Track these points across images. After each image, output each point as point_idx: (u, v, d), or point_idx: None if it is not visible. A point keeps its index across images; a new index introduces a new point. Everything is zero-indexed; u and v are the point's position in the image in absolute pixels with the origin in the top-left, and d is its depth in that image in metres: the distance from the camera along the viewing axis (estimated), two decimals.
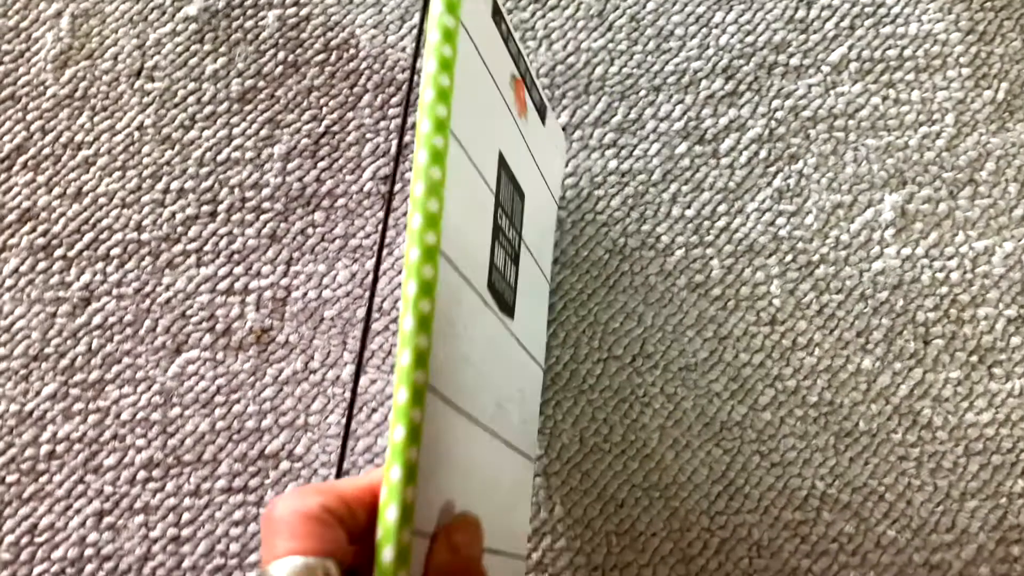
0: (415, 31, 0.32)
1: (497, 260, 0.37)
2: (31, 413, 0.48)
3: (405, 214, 0.51)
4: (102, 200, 0.51)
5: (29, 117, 0.52)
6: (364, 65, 0.53)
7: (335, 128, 0.52)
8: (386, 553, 0.27)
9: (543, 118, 0.45)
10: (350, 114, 0.52)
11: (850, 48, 0.53)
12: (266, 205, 0.51)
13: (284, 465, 0.47)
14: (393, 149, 0.32)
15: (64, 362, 0.48)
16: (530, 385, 0.44)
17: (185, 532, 0.46)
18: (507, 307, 0.39)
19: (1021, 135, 0.52)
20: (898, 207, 0.51)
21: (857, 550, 0.46)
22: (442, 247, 0.30)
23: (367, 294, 0.49)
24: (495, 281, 0.37)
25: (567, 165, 0.51)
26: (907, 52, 0.53)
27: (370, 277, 0.50)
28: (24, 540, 0.46)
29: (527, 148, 0.42)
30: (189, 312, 0.49)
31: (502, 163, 0.38)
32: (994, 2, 0.54)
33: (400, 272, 0.50)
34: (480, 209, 0.35)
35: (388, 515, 0.27)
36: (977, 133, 0.52)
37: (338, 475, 0.31)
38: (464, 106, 0.33)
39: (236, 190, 0.51)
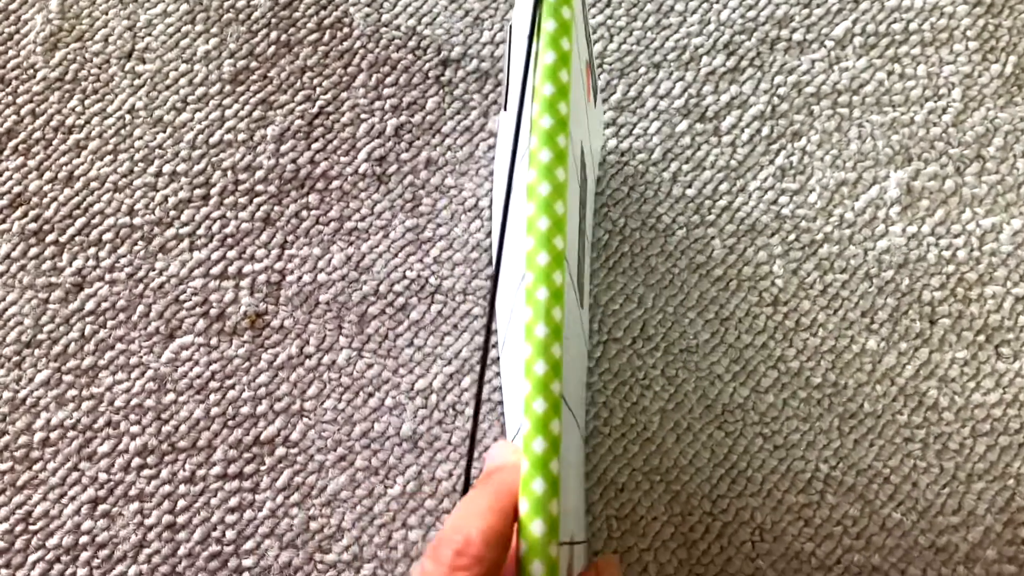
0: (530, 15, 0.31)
1: (577, 251, 0.36)
2: (24, 400, 0.47)
3: (401, 196, 0.50)
4: (94, 184, 0.50)
5: (19, 101, 0.52)
6: (358, 44, 0.52)
7: (329, 109, 0.51)
8: (535, 568, 0.27)
9: (596, 100, 0.44)
10: (344, 94, 0.51)
11: (854, 22, 0.52)
12: (259, 188, 0.50)
13: (280, 451, 0.46)
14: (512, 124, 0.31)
15: (57, 348, 0.48)
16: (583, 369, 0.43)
17: (180, 519, 0.46)
18: (580, 297, 0.38)
19: None
20: (904, 184, 0.50)
21: (862, 533, 0.45)
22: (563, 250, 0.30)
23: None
24: (576, 274, 0.36)
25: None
26: (913, 25, 0.52)
27: (366, 260, 0.49)
28: (19, 528, 0.46)
29: (588, 133, 0.41)
30: (182, 297, 0.48)
31: (581, 153, 0.37)
32: None
33: (396, 255, 0.49)
34: (574, 202, 0.35)
35: (534, 529, 0.27)
36: (984, 108, 0.51)
37: (464, 490, 0.29)
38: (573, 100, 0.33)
39: (229, 173, 0.50)
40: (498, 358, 0.47)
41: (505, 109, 0.42)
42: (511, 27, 0.40)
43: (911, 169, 0.50)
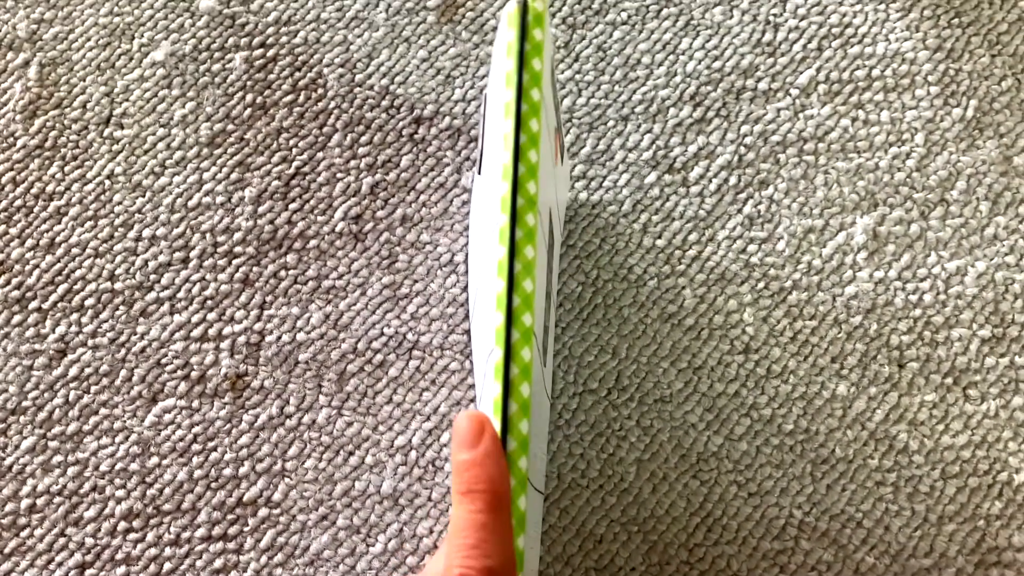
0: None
1: (543, 316, 0.38)
2: (10, 467, 0.48)
3: (377, 253, 0.51)
4: (75, 250, 0.51)
5: (0, 169, 0.53)
6: (332, 104, 0.53)
7: (305, 169, 0.52)
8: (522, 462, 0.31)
9: (563, 158, 0.45)
10: (320, 154, 0.52)
11: (818, 70, 0.53)
12: (238, 249, 0.51)
13: (262, 512, 0.47)
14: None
15: (42, 415, 0.49)
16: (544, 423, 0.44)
17: None
18: (544, 357, 0.39)
19: (991, 152, 0.52)
20: (870, 230, 0.51)
21: None
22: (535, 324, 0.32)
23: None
24: (541, 338, 0.38)
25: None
26: (875, 72, 0.53)
27: (344, 318, 0.50)
28: None
29: (555, 192, 0.42)
30: (164, 360, 0.49)
31: (549, 218, 0.39)
32: (961, 19, 0.54)
33: (373, 312, 0.50)
34: (541, 274, 0.36)
35: (522, 428, 0.31)
36: (947, 152, 0.52)
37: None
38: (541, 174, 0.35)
39: (208, 235, 0.51)
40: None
41: (479, 173, 0.43)
42: (485, 96, 0.41)
43: (877, 214, 0.51)
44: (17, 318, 0.50)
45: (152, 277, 0.51)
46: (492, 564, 0.29)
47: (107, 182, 0.52)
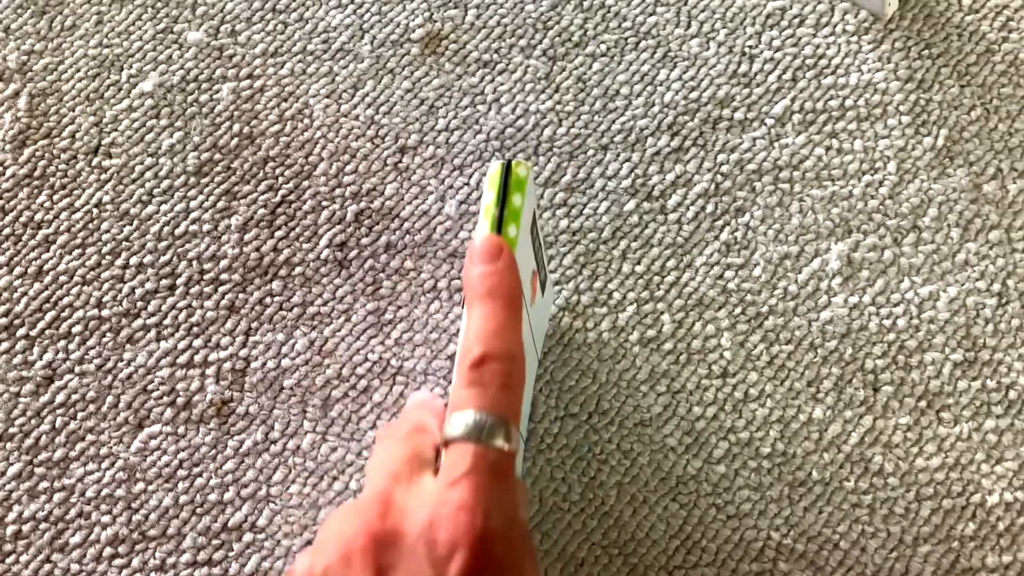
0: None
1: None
2: None
3: (362, 280, 0.52)
4: (63, 278, 0.52)
5: None
6: (319, 134, 0.54)
7: (291, 197, 0.53)
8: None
9: (543, 291, 0.47)
10: (306, 183, 0.53)
11: (793, 100, 0.55)
12: (224, 276, 0.52)
13: (247, 537, 0.47)
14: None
15: (28, 441, 0.49)
16: None
17: None
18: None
19: (961, 180, 0.53)
20: (844, 256, 0.52)
21: None
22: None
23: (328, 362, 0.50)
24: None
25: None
26: (848, 102, 0.55)
27: (328, 344, 0.51)
28: None
29: (530, 328, 0.44)
30: (150, 387, 0.50)
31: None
32: (931, 50, 0.55)
33: (358, 338, 0.51)
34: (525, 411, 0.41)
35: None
36: (919, 180, 0.53)
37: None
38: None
39: (194, 263, 0.52)
40: None
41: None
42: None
43: (851, 241, 0.52)
44: (5, 345, 0.51)
45: (139, 304, 0.51)
46: (514, 350, 0.31)
47: (95, 210, 0.53)
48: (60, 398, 0.50)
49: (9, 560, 0.47)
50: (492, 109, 0.55)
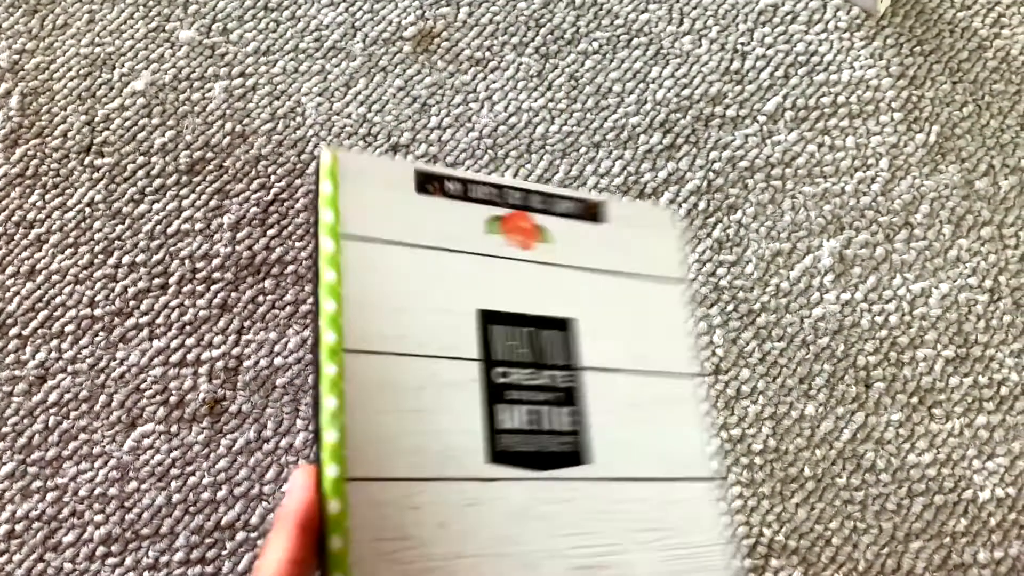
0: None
1: (509, 421, 0.35)
2: None
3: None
4: (55, 278, 0.52)
5: None
6: (311, 132, 0.54)
7: (283, 196, 0.53)
8: (331, 506, 0.30)
9: (596, 218, 0.41)
10: (298, 181, 0.53)
11: (785, 97, 0.55)
12: (216, 275, 0.52)
13: (240, 536, 0.48)
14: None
15: (21, 440, 0.49)
16: (672, 512, 0.38)
17: None
18: (558, 458, 0.36)
19: (953, 176, 0.53)
20: (836, 253, 0.52)
21: None
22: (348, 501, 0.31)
23: None
24: (511, 445, 0.35)
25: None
26: (840, 99, 0.55)
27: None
28: None
29: (557, 270, 0.39)
30: (143, 386, 0.50)
31: (489, 318, 0.37)
32: (923, 47, 0.55)
33: None
34: (437, 395, 0.35)
35: (328, 472, 0.31)
36: (911, 176, 0.53)
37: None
38: (369, 314, 0.34)
39: (187, 262, 0.52)
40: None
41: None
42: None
43: (843, 238, 0.52)
44: None
45: (131, 303, 0.51)
46: None
47: (87, 209, 0.53)
48: (53, 397, 0.50)
49: (2, 559, 0.47)
50: (484, 107, 0.55)
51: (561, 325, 0.38)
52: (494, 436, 0.35)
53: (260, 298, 0.51)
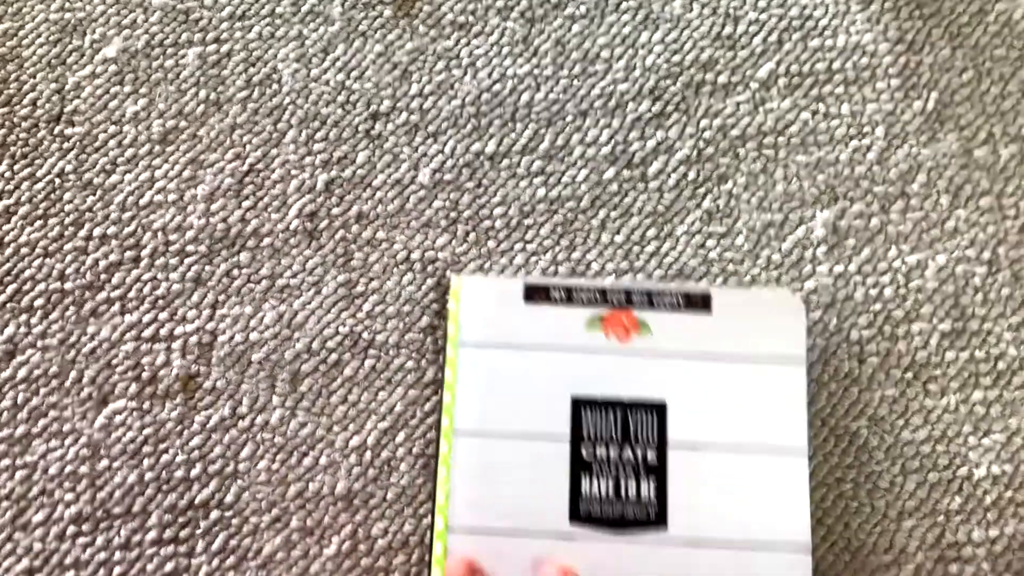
0: None
1: (591, 490, 0.43)
2: None
3: (332, 251, 0.50)
4: (24, 250, 0.50)
5: None
6: (287, 100, 0.52)
7: (259, 166, 0.51)
8: None
9: (703, 308, 0.46)
10: (274, 151, 0.52)
11: (778, 63, 0.53)
12: (190, 248, 0.50)
13: (214, 515, 0.46)
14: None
15: None
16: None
17: None
18: (638, 523, 0.42)
19: (951, 145, 0.51)
20: (830, 224, 0.50)
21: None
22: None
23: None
24: (593, 510, 0.42)
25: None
26: (836, 65, 0.53)
27: (298, 317, 0.49)
28: None
29: (655, 358, 0.45)
30: (114, 361, 0.48)
31: (580, 404, 0.44)
32: (922, 11, 0.54)
33: (328, 311, 0.49)
34: (531, 469, 0.43)
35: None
36: (907, 145, 0.51)
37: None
38: (476, 404, 0.44)
39: (159, 234, 0.50)
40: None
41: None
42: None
43: (837, 208, 0.50)
44: None
45: (103, 277, 0.50)
46: None
47: (57, 180, 0.51)
48: (22, 373, 0.48)
49: None
50: (468, 74, 0.53)
51: (653, 408, 0.44)
52: (577, 500, 0.42)
53: (235, 271, 0.50)
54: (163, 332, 0.49)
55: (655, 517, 0.42)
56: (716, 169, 0.51)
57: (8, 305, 0.49)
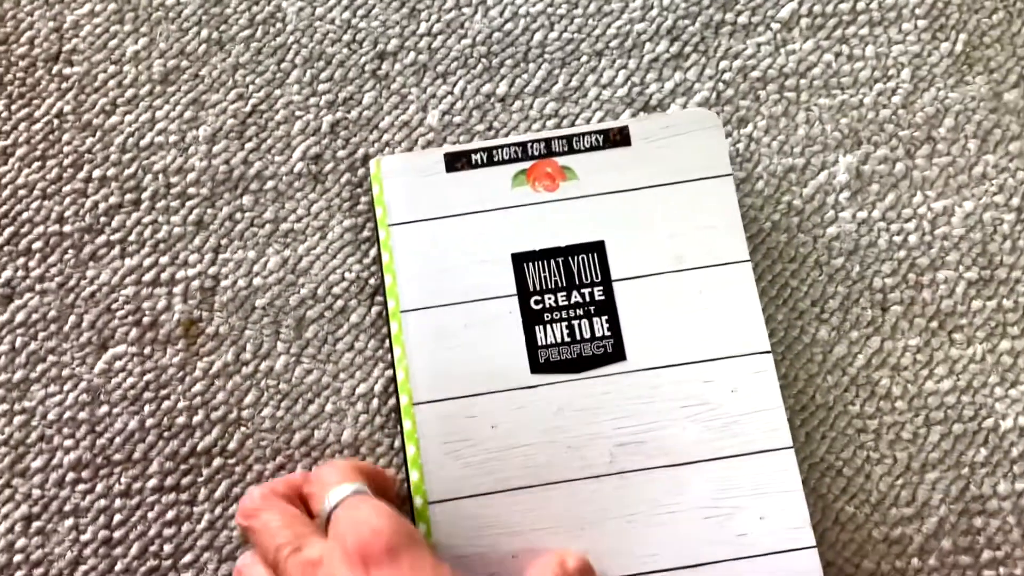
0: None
1: (547, 337, 0.43)
2: None
3: (338, 195, 0.48)
4: (22, 192, 0.49)
5: None
6: (291, 40, 0.51)
7: (262, 107, 0.50)
8: None
9: (623, 143, 0.45)
10: (278, 91, 0.50)
11: (800, 3, 0.51)
12: (192, 191, 0.49)
13: (217, 462, 0.45)
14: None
15: None
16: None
17: (117, 534, 0.44)
18: (596, 360, 0.43)
19: (980, 88, 0.49)
20: (853, 169, 0.48)
21: (815, 528, 0.44)
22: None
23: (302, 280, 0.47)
24: (551, 356, 0.43)
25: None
26: (860, 5, 0.51)
27: (303, 262, 0.48)
28: None
29: (585, 201, 0.45)
30: (114, 306, 0.47)
31: (521, 258, 0.44)
32: None
33: (334, 256, 0.48)
34: (483, 330, 0.43)
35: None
36: (935, 88, 0.50)
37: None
38: (416, 280, 0.44)
39: (160, 176, 0.49)
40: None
41: None
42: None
43: (860, 153, 0.49)
44: None
45: (102, 219, 0.48)
46: None
47: (55, 121, 0.50)
48: (20, 317, 0.47)
49: None
50: (478, 12, 0.51)
51: (592, 248, 0.44)
52: (535, 352, 0.43)
53: (238, 215, 0.48)
54: (164, 276, 0.47)
55: (613, 351, 0.43)
56: (736, 112, 0.49)
57: (6, 248, 0.48)
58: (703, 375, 0.43)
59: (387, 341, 0.46)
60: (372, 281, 0.47)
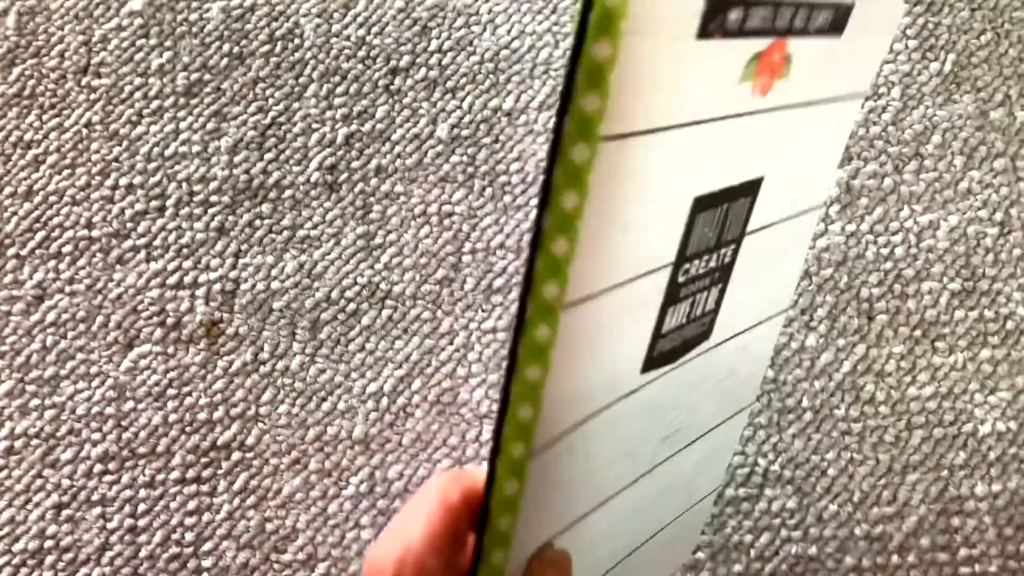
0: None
1: (672, 322, 0.29)
2: None
3: (352, 203, 0.51)
4: (52, 198, 0.52)
5: None
6: (309, 55, 0.53)
7: (281, 119, 0.52)
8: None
9: (839, 29, 0.29)
10: (296, 104, 0.53)
11: None
12: (214, 198, 0.51)
13: (236, 456, 0.48)
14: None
15: (19, 359, 0.49)
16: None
17: (141, 523, 0.47)
18: (692, 343, 0.31)
19: (967, 107, 0.52)
20: (843, 183, 0.51)
21: (799, 524, 0.46)
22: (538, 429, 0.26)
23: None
24: (661, 350, 0.30)
25: None
26: None
27: (318, 267, 0.50)
28: None
29: (781, 115, 0.29)
30: (140, 307, 0.50)
31: (698, 206, 0.28)
32: None
33: (347, 262, 0.50)
34: (627, 313, 0.27)
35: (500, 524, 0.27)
36: (923, 106, 0.52)
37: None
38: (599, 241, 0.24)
39: (184, 184, 0.51)
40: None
41: None
42: None
43: (851, 168, 0.51)
44: None
45: (128, 225, 0.51)
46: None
47: (84, 131, 0.52)
48: (50, 317, 0.50)
49: (2, 475, 0.48)
50: (487, 30, 0.53)
51: (751, 189, 0.30)
52: (656, 342, 0.29)
53: (257, 222, 0.51)
54: (187, 279, 0.50)
55: (707, 329, 0.32)
56: None
57: (37, 251, 0.51)
58: (740, 343, 0.33)
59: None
60: (383, 286, 0.50)
